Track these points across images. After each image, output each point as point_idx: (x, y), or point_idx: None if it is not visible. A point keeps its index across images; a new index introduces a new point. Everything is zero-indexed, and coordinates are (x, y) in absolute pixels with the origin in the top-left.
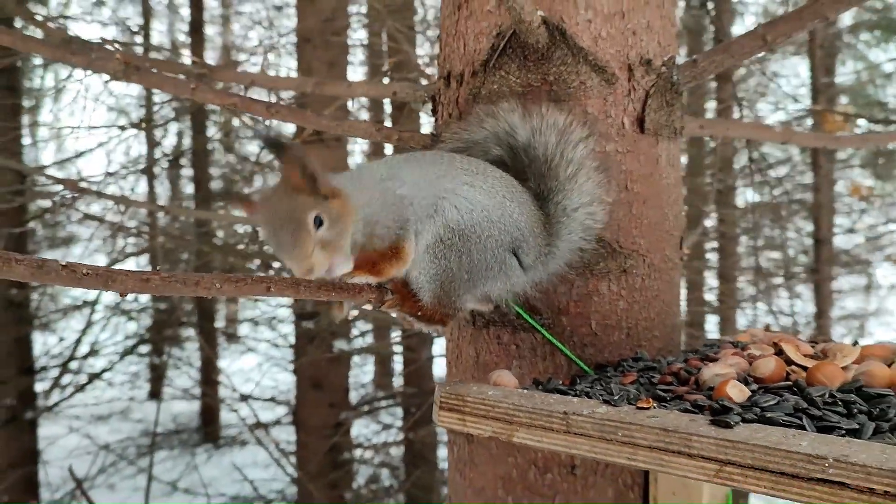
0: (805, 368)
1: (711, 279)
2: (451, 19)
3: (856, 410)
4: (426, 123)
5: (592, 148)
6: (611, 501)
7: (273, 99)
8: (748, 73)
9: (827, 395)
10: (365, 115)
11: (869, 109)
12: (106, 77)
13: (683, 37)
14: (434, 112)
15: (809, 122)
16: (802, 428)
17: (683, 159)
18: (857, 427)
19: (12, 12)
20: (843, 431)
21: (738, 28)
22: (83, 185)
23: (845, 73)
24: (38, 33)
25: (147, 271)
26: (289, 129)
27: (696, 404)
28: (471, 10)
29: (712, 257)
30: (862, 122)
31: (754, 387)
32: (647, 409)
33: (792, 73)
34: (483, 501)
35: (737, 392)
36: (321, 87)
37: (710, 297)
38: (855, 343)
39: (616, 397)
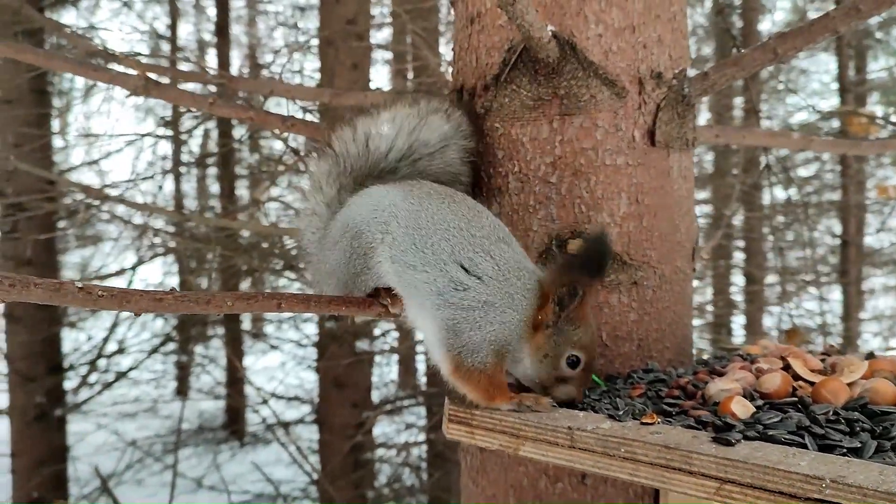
0: (812, 384)
1: (739, 280)
2: (464, 33)
3: (858, 428)
4: None
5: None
6: None
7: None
8: (777, 69)
9: (830, 413)
10: None
11: None
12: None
13: (713, 37)
14: None
15: (836, 122)
16: (804, 446)
17: (709, 157)
18: (859, 446)
19: (37, 22)
20: (845, 450)
21: (766, 25)
22: (108, 189)
23: (877, 69)
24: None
25: (160, 291)
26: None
27: (700, 420)
28: (483, 24)
29: (739, 258)
30: (886, 122)
31: (759, 402)
32: (651, 424)
33: (822, 69)
34: None
35: (741, 408)
36: (338, 97)
37: (737, 298)
38: (871, 355)
39: (621, 412)
